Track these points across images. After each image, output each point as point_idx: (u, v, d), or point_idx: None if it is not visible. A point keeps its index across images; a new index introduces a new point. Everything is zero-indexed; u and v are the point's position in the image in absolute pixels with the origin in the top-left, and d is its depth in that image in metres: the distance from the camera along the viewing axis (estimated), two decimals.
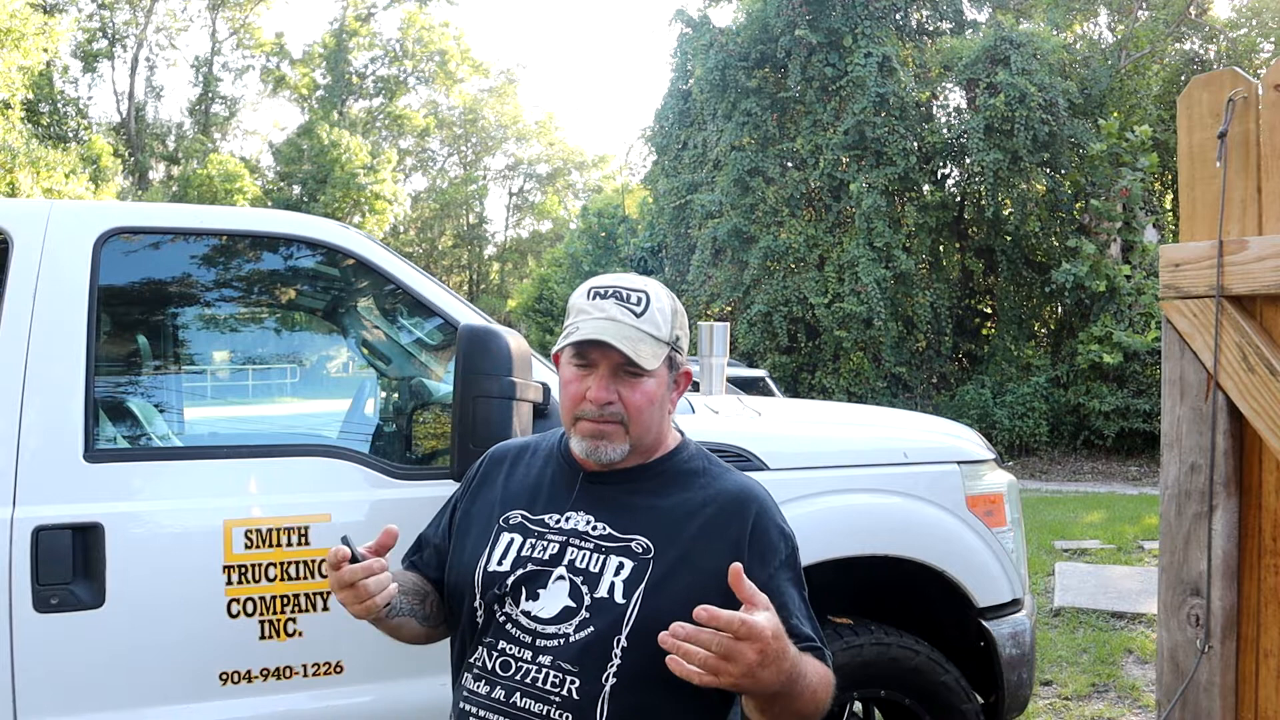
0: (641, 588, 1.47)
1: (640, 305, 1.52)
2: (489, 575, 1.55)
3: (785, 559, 1.53)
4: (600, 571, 1.50)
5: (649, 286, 1.56)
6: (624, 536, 1.53)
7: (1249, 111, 1.84)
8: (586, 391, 1.51)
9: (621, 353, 1.48)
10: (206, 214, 2.45)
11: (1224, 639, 1.87)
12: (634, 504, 1.56)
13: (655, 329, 1.52)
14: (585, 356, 1.52)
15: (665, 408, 1.59)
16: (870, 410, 4.20)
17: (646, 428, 1.55)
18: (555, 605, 1.50)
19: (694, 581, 1.47)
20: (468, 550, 1.62)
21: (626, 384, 1.51)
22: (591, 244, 25.75)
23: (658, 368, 1.52)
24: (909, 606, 2.76)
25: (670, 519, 1.53)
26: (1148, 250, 15.10)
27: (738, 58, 16.77)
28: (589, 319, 1.51)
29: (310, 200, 31.38)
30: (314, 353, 3.67)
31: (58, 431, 2.08)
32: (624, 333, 1.49)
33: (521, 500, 1.63)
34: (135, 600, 2.06)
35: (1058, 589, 6.10)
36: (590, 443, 1.53)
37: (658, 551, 1.50)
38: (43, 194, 17.29)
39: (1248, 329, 1.82)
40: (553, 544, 1.55)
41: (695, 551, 1.50)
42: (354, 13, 38.05)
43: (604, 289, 1.54)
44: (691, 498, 1.56)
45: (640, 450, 1.57)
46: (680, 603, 1.44)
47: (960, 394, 16.01)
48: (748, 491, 1.58)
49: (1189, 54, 18.55)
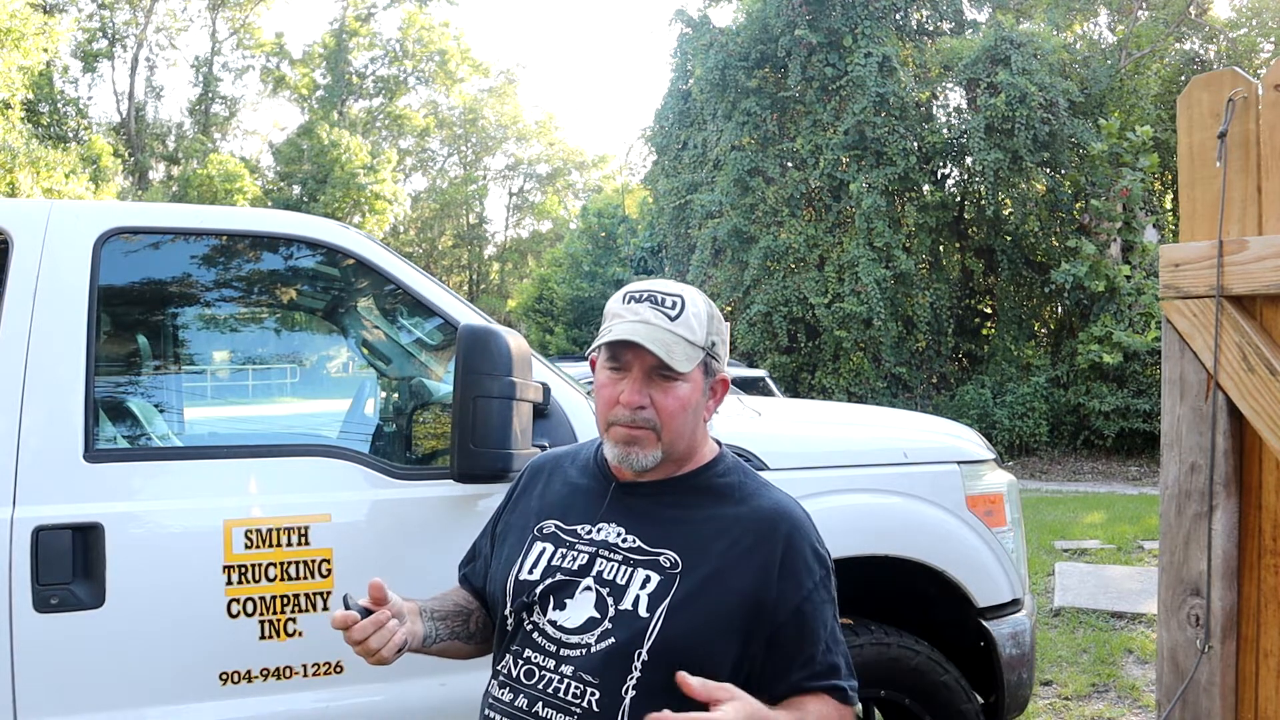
0: (666, 603, 1.46)
1: (675, 309, 1.51)
2: (520, 584, 1.55)
3: (819, 582, 1.52)
4: (626, 584, 1.49)
5: (685, 291, 1.55)
6: (653, 550, 1.51)
7: (1249, 111, 1.84)
8: (620, 395, 1.50)
9: (654, 354, 1.46)
10: (207, 214, 2.45)
11: (1224, 639, 1.87)
12: (665, 517, 1.54)
13: (690, 333, 1.50)
14: (619, 359, 1.51)
15: (700, 415, 1.56)
16: (870, 410, 4.20)
17: (679, 434, 1.53)
18: (580, 616, 1.49)
19: (720, 600, 1.46)
20: (504, 559, 1.63)
21: (660, 388, 1.50)
22: (591, 244, 25.76)
23: (691, 371, 1.50)
24: (909, 606, 2.76)
25: (701, 535, 1.52)
26: (1148, 250, 15.09)
27: (738, 58, 16.77)
28: (623, 322, 1.50)
29: (310, 200, 31.38)
30: (314, 353, 3.66)
31: (58, 431, 2.08)
32: (657, 335, 1.48)
33: (556, 510, 1.62)
34: (135, 600, 2.06)
35: (1058, 589, 6.10)
36: (623, 449, 1.51)
37: (685, 567, 1.49)
38: (43, 194, 17.29)
39: (1248, 329, 1.82)
40: (583, 554, 1.54)
41: (724, 570, 1.48)
42: (354, 13, 38.06)
43: (639, 293, 1.53)
44: (724, 514, 1.54)
45: (673, 458, 1.55)
46: (704, 621, 1.45)
47: (960, 394, 16.01)
48: (782, 510, 1.55)
49: (1189, 54, 18.54)
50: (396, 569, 2.15)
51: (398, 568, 2.18)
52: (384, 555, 2.23)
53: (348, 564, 2.20)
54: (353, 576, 2.20)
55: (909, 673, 2.51)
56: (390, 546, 2.24)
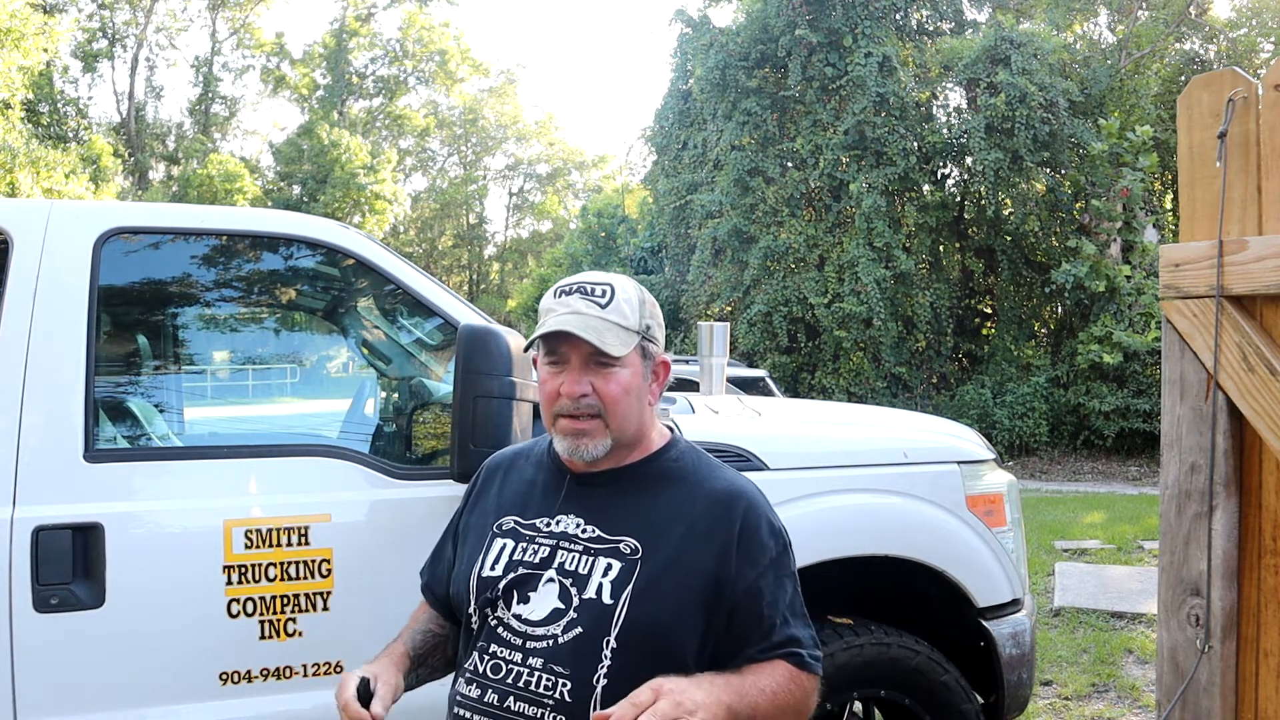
0: (629, 589, 1.48)
1: (605, 297, 1.54)
2: (483, 581, 1.57)
3: (775, 557, 1.54)
4: (589, 573, 1.50)
5: (614, 280, 1.58)
6: (612, 538, 1.53)
7: (1249, 111, 1.84)
8: (560, 387, 1.52)
9: (588, 342, 1.49)
10: (206, 214, 2.45)
11: (1224, 639, 1.87)
12: (622, 504, 1.56)
13: (622, 318, 1.53)
14: (556, 352, 1.54)
15: (644, 399, 1.59)
16: (870, 410, 4.20)
17: (626, 419, 1.55)
18: (545, 608, 1.50)
19: (682, 582, 1.48)
20: (466, 559, 1.64)
21: (600, 375, 1.52)
22: (591, 244, 25.76)
23: (627, 355, 1.53)
24: (909, 606, 2.76)
25: (658, 519, 1.54)
26: (1148, 250, 15.09)
27: (738, 58, 16.77)
28: (555, 315, 1.53)
29: (310, 200, 31.36)
30: (314, 353, 3.66)
31: (58, 431, 2.08)
32: (588, 323, 1.50)
33: (514, 506, 1.64)
34: (135, 600, 2.06)
35: (1058, 589, 6.10)
36: (571, 441, 1.54)
37: (646, 552, 1.50)
38: (43, 194, 17.29)
39: (1248, 329, 1.82)
40: (543, 547, 1.55)
41: (683, 552, 1.50)
42: (354, 13, 38.04)
43: (570, 286, 1.56)
44: (680, 497, 1.56)
45: (623, 445, 1.57)
46: (668, 603, 1.47)
47: (960, 394, 16.02)
48: (736, 490, 1.58)
49: (1189, 54, 18.55)
50: (396, 569, 2.14)
51: (397, 568, 2.18)
52: (384, 555, 2.23)
53: (348, 564, 2.20)
54: (353, 576, 2.20)
55: (909, 673, 2.51)
56: (390, 547, 2.24)
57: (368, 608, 2.19)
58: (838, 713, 2.55)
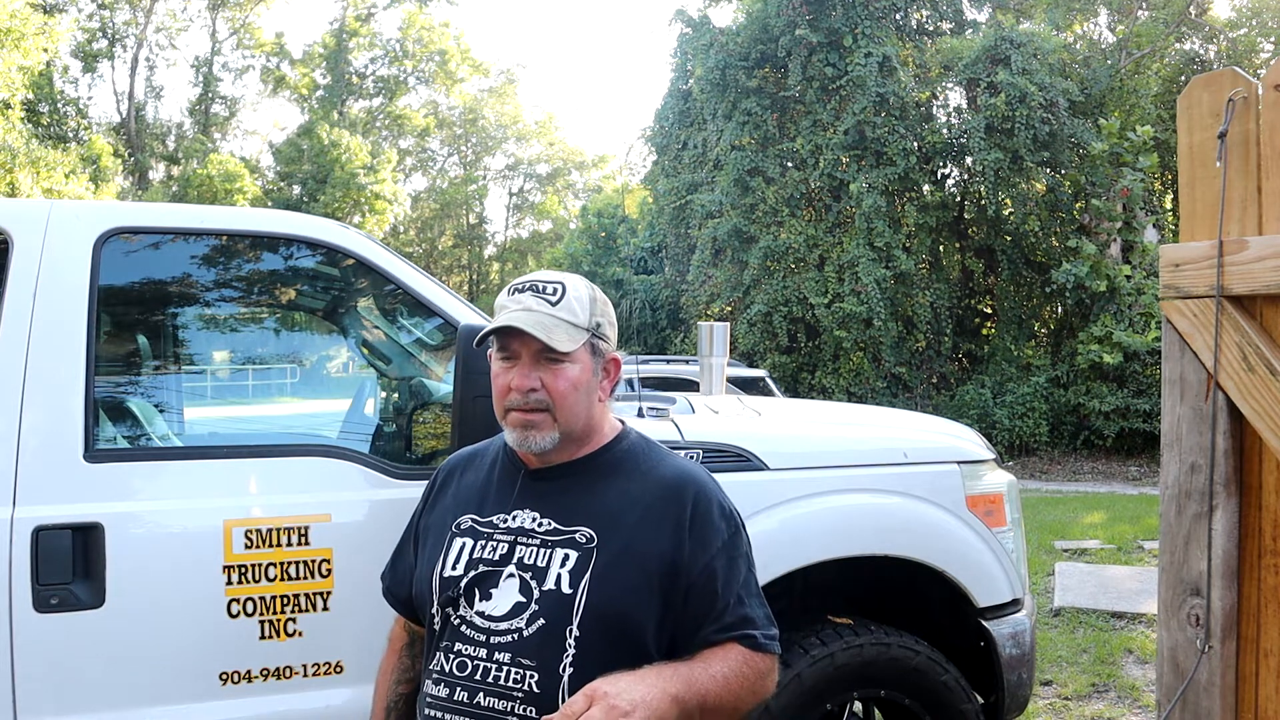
0: (587, 577, 1.50)
1: (556, 295, 1.57)
2: (444, 581, 1.58)
3: (728, 539, 1.57)
4: (547, 565, 1.53)
5: (567, 279, 1.61)
6: (568, 529, 1.56)
7: (1249, 111, 1.84)
8: (511, 381, 1.55)
9: (536, 338, 1.52)
10: (207, 214, 2.45)
11: (1224, 639, 1.87)
12: (576, 496, 1.59)
13: (572, 315, 1.56)
14: (507, 349, 1.57)
15: (594, 395, 1.61)
16: (870, 410, 4.19)
17: (574, 413, 1.57)
18: (506, 603, 1.52)
19: (638, 567, 1.51)
20: (426, 560, 1.66)
21: (549, 371, 1.55)
22: (591, 244, 25.78)
23: (576, 351, 1.56)
24: (909, 606, 2.76)
25: (612, 508, 1.57)
26: (1148, 250, 15.10)
27: (738, 57, 16.78)
28: (507, 312, 1.56)
29: (310, 200, 31.36)
30: (314, 353, 3.67)
31: (58, 431, 2.08)
32: (538, 320, 1.53)
33: (471, 505, 1.66)
34: (135, 600, 2.06)
35: (1058, 589, 6.10)
36: (520, 433, 1.56)
37: (601, 541, 1.53)
38: (43, 194, 17.29)
39: (1248, 329, 1.82)
40: (502, 544, 1.58)
41: (638, 537, 1.53)
42: (354, 13, 38.04)
43: (522, 284, 1.60)
44: (632, 486, 1.59)
45: (572, 439, 1.60)
46: (625, 589, 1.50)
47: (960, 394, 16.01)
48: (686, 475, 1.61)
49: (1189, 54, 18.55)
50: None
51: None
52: (384, 555, 2.22)
53: (348, 564, 2.20)
54: (353, 576, 2.20)
55: (909, 673, 2.51)
56: (390, 547, 2.23)
57: (368, 608, 2.18)
58: (838, 713, 2.55)
